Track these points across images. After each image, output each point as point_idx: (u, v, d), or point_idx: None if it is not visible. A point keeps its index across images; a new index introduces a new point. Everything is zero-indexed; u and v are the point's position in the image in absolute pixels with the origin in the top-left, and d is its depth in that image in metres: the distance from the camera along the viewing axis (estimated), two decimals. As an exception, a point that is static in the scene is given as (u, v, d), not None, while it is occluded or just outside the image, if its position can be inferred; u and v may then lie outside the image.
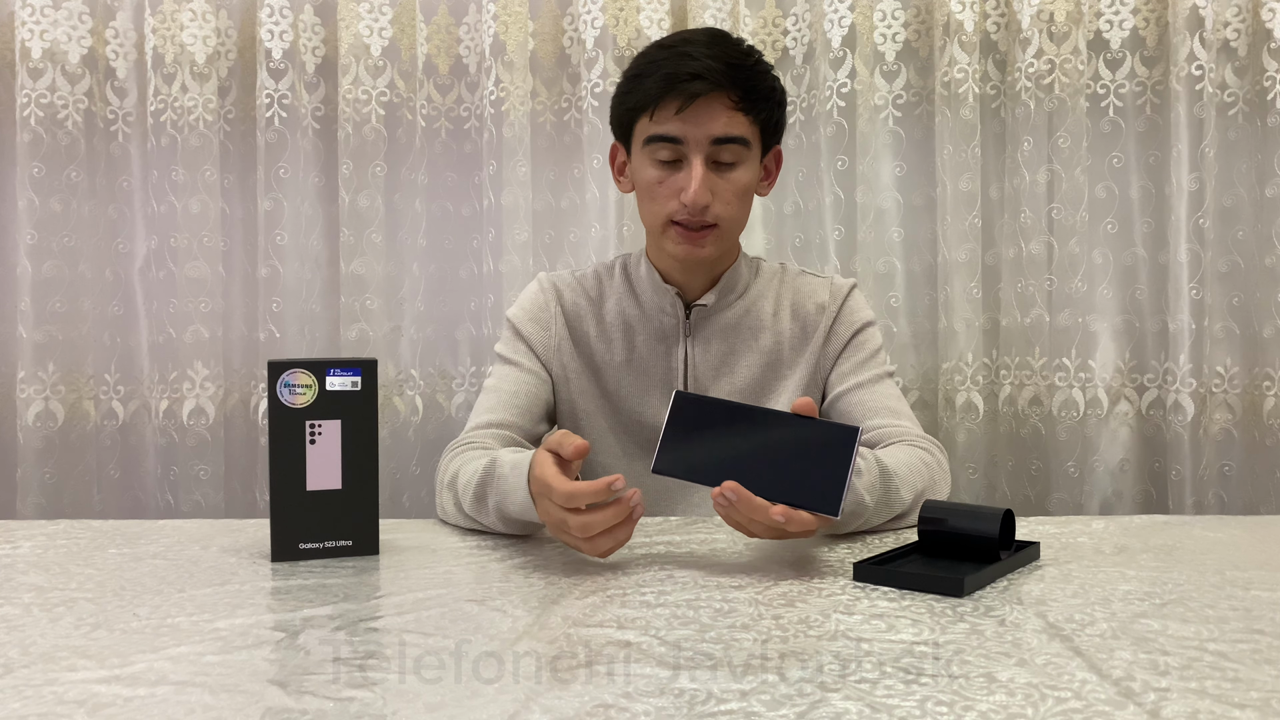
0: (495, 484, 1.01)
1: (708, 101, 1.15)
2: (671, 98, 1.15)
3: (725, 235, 1.22)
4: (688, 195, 1.16)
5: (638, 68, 1.20)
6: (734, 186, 1.20)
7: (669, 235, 1.21)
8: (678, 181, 1.18)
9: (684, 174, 1.18)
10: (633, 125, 1.22)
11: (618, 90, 1.24)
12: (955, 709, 0.58)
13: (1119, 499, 1.79)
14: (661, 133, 1.17)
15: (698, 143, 1.16)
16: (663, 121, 1.17)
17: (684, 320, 1.28)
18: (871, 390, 1.26)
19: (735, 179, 1.19)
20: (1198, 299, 1.71)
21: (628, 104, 1.21)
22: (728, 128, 1.17)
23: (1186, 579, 0.86)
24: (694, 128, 1.16)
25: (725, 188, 1.19)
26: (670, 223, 1.20)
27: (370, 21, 1.83)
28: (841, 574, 0.89)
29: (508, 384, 1.27)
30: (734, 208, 1.21)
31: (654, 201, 1.21)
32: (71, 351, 1.85)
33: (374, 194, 1.84)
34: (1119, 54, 1.76)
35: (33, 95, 1.80)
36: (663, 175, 1.19)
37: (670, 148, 1.18)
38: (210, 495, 1.86)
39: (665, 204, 1.20)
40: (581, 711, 0.58)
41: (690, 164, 1.17)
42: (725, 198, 1.19)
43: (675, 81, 1.15)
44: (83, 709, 0.59)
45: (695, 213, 1.17)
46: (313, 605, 0.81)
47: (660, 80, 1.16)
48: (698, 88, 1.14)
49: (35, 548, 1.02)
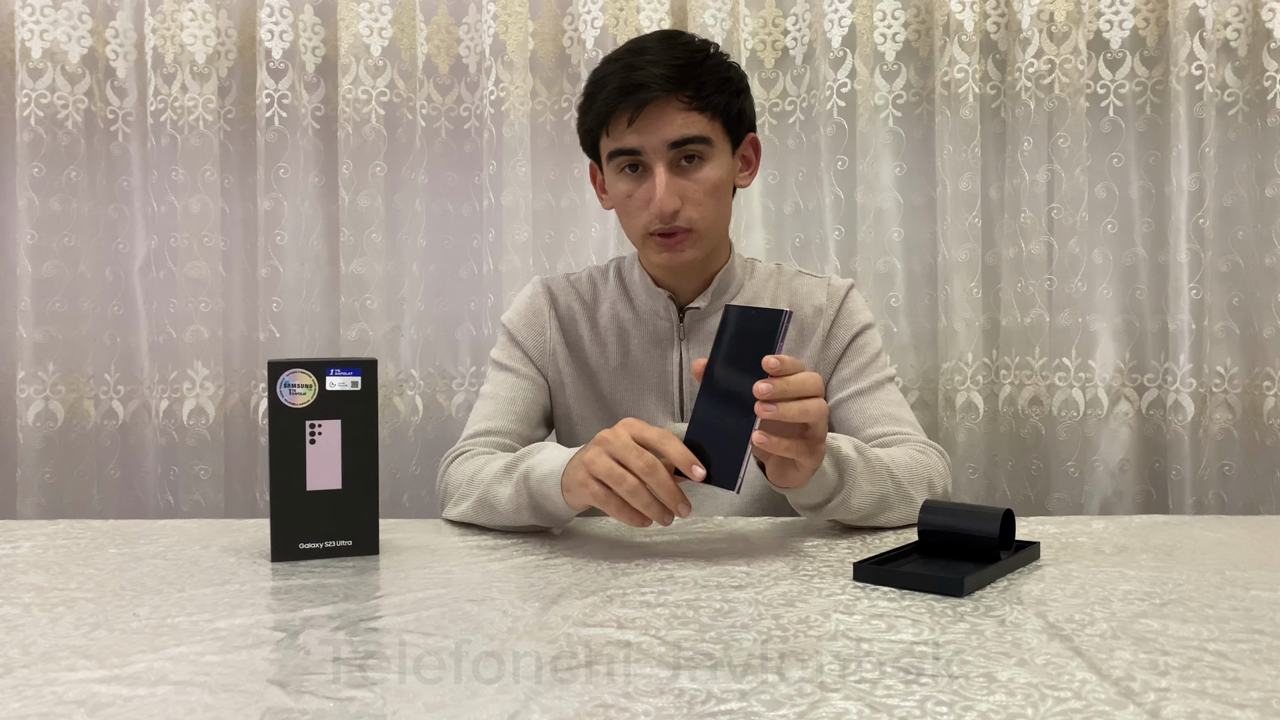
0: (529, 455, 1.04)
1: (658, 107, 1.15)
2: (622, 110, 1.15)
3: (704, 236, 1.21)
4: (654, 204, 1.16)
5: (590, 86, 1.21)
6: (703, 186, 1.18)
7: (649, 246, 1.21)
8: (645, 192, 1.18)
9: (649, 184, 1.17)
10: (597, 144, 1.22)
11: (579, 110, 1.24)
12: (955, 709, 0.58)
13: (1119, 499, 1.79)
14: (619, 146, 1.17)
15: (656, 150, 1.16)
16: (619, 136, 1.17)
17: (678, 324, 1.27)
18: (872, 397, 1.25)
19: (703, 178, 1.18)
20: (1198, 299, 1.71)
21: (586, 124, 1.22)
22: (684, 129, 1.16)
23: (1186, 579, 0.86)
24: (649, 136, 1.15)
25: (694, 189, 1.18)
26: (648, 234, 1.20)
27: (370, 21, 1.83)
28: (841, 574, 0.89)
29: (505, 390, 1.27)
30: (706, 208, 1.19)
31: (628, 215, 1.21)
32: (71, 351, 1.85)
33: (374, 194, 1.84)
34: (1119, 54, 1.76)
35: (33, 95, 1.80)
36: (631, 188, 1.19)
37: (633, 159, 1.18)
38: (210, 495, 1.86)
39: (638, 216, 1.19)
40: (581, 711, 0.58)
41: (651, 173, 1.17)
42: (695, 199, 1.18)
43: (622, 94, 1.14)
44: (83, 709, 0.59)
45: (666, 220, 1.17)
46: (313, 605, 0.81)
47: (608, 95, 1.16)
48: (644, 96, 1.14)
49: (35, 548, 1.02)
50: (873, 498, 1.04)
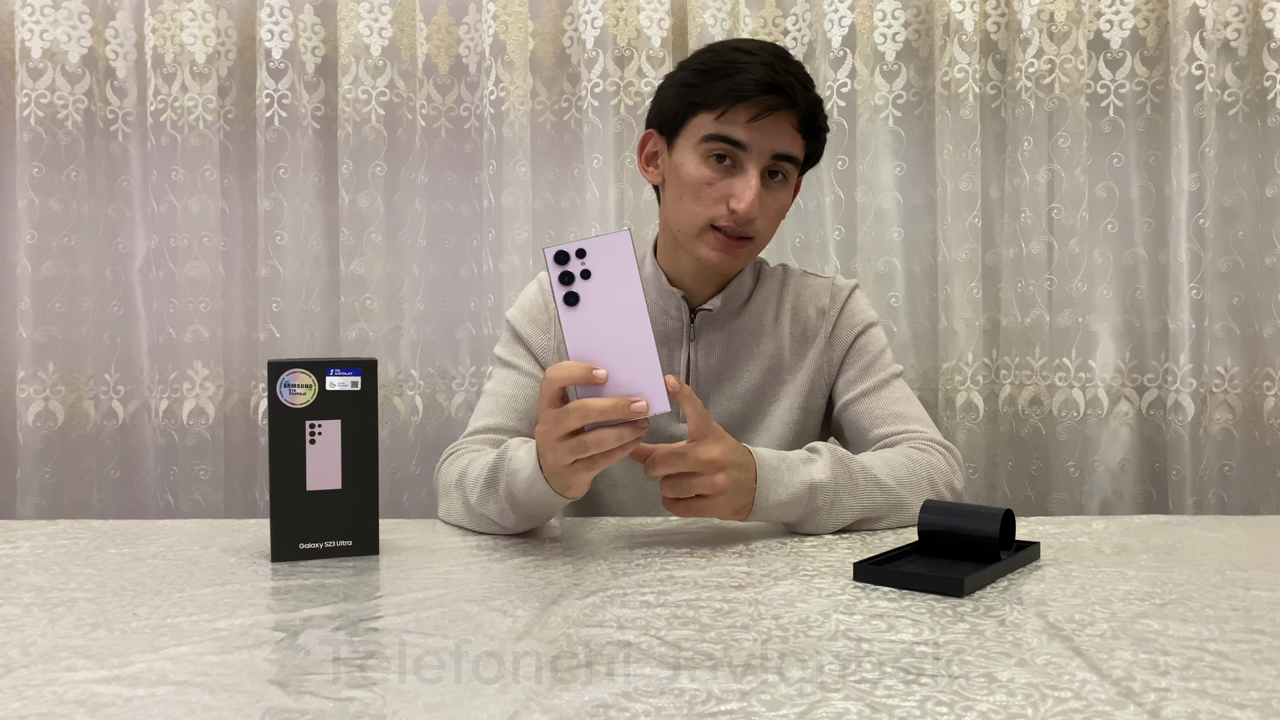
0: (505, 465, 1.02)
1: (779, 117, 1.15)
2: (749, 104, 1.13)
3: (756, 249, 1.22)
4: (741, 204, 1.14)
5: (708, 63, 1.17)
6: (777, 204, 1.19)
7: (705, 239, 1.18)
8: (729, 187, 1.16)
9: (739, 181, 1.15)
10: (688, 119, 1.18)
11: (676, 80, 1.20)
12: (955, 709, 0.58)
13: (1119, 499, 1.79)
14: (728, 134, 1.15)
15: (760, 154, 1.15)
16: (731, 124, 1.14)
17: (688, 324, 1.27)
18: (878, 396, 1.25)
19: (780, 197, 1.20)
20: (1198, 299, 1.71)
21: (692, 98, 1.17)
22: (790, 146, 1.16)
23: (1186, 579, 0.86)
24: (761, 139, 1.14)
25: (770, 203, 1.18)
26: (711, 226, 1.18)
27: (370, 21, 1.83)
28: (841, 574, 0.89)
29: (506, 387, 1.27)
30: (772, 224, 1.21)
31: (698, 202, 1.18)
32: (71, 351, 1.85)
33: (374, 194, 1.84)
34: (1119, 54, 1.76)
35: (33, 95, 1.80)
36: (715, 177, 1.16)
37: (730, 151, 1.15)
38: (210, 495, 1.86)
39: (711, 207, 1.17)
40: (581, 711, 0.58)
41: (746, 172, 1.15)
42: (768, 213, 1.19)
43: (761, 89, 1.13)
44: (83, 709, 0.59)
45: (743, 223, 1.16)
46: (313, 605, 0.81)
47: (744, 84, 1.13)
48: (775, 101, 1.13)
49: (35, 548, 1.02)
50: (855, 511, 1.06)
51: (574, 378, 0.89)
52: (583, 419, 0.88)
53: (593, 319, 0.89)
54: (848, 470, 1.05)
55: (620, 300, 0.89)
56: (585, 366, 0.88)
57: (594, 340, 0.89)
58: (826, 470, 1.04)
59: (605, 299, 0.89)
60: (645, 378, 0.89)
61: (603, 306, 0.89)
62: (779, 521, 1.06)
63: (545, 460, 0.93)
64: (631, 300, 0.89)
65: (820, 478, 1.04)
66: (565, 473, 0.92)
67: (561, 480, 0.94)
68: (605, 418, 0.88)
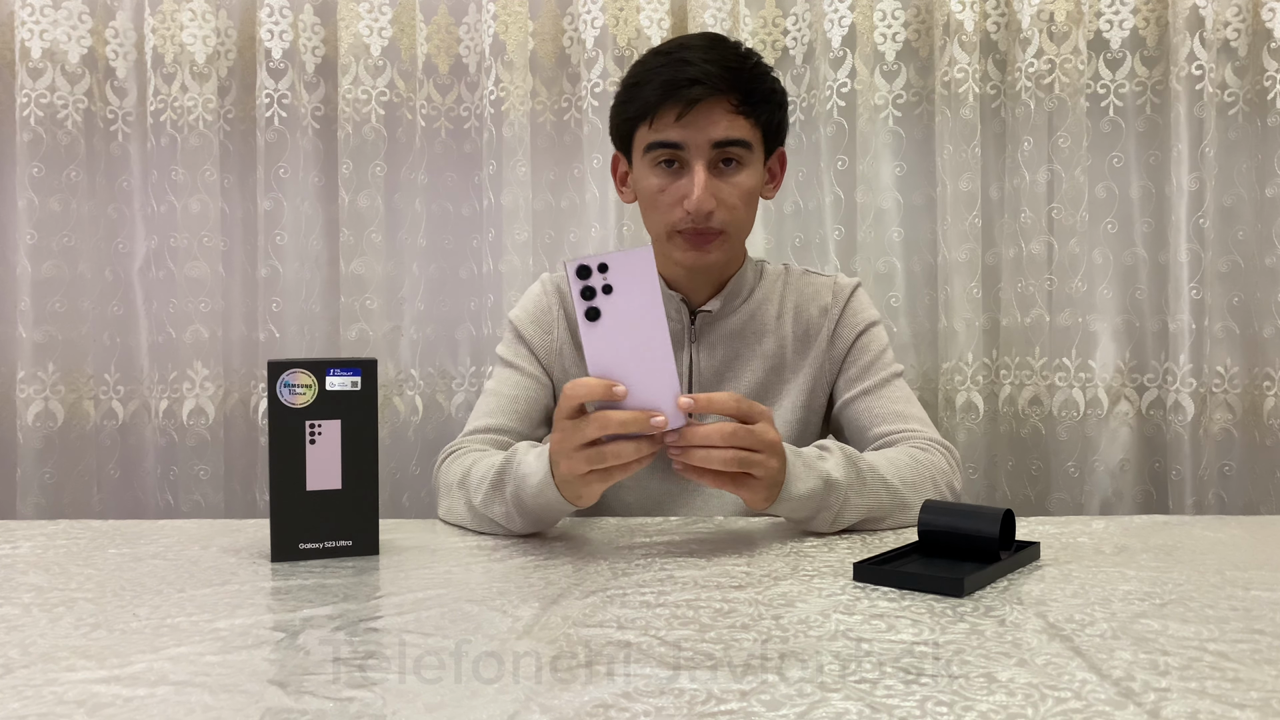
0: (513, 469, 1.01)
1: (708, 106, 1.14)
2: (671, 104, 1.14)
3: (731, 240, 1.21)
4: (691, 202, 1.15)
5: (635, 76, 1.20)
6: (738, 190, 1.19)
7: (674, 243, 1.20)
8: (680, 189, 1.17)
9: (686, 180, 1.17)
10: (633, 134, 1.21)
11: (616, 100, 1.23)
12: (955, 709, 0.58)
13: (1119, 499, 1.79)
14: (661, 139, 1.16)
15: (699, 148, 1.15)
16: (663, 128, 1.16)
17: (689, 326, 1.27)
18: (878, 395, 1.25)
19: (739, 182, 1.18)
20: (1198, 299, 1.71)
21: (627, 113, 1.20)
22: (729, 131, 1.16)
23: (1186, 579, 0.86)
24: (695, 133, 1.15)
25: (729, 192, 1.18)
26: (675, 231, 1.19)
27: (370, 21, 1.83)
28: (841, 574, 0.89)
29: (507, 387, 1.27)
30: (739, 212, 1.20)
31: (656, 210, 1.20)
32: (71, 351, 1.85)
33: (374, 194, 1.84)
34: (1119, 54, 1.76)
35: (32, 95, 1.80)
36: (664, 183, 1.18)
37: (671, 154, 1.17)
38: (210, 495, 1.86)
39: (668, 213, 1.19)
40: (581, 711, 0.58)
41: (692, 170, 1.16)
42: (729, 202, 1.18)
43: (674, 88, 1.14)
44: (83, 709, 0.59)
45: (699, 219, 1.17)
46: (313, 605, 0.81)
47: (659, 87, 1.15)
48: (697, 93, 1.13)
49: (35, 548, 1.02)
50: (861, 510, 1.05)
51: (594, 395, 0.89)
52: (601, 429, 0.89)
53: (614, 333, 0.90)
54: (857, 469, 1.05)
55: (641, 315, 0.89)
56: (605, 384, 0.89)
57: (614, 354, 0.90)
58: (840, 468, 1.04)
59: (626, 314, 0.89)
60: (663, 393, 0.90)
61: (624, 321, 0.89)
62: (790, 516, 1.04)
63: (558, 468, 0.94)
64: (653, 316, 0.89)
65: (836, 475, 1.03)
66: (578, 482, 0.93)
67: (573, 489, 0.94)
68: (624, 430, 0.88)
